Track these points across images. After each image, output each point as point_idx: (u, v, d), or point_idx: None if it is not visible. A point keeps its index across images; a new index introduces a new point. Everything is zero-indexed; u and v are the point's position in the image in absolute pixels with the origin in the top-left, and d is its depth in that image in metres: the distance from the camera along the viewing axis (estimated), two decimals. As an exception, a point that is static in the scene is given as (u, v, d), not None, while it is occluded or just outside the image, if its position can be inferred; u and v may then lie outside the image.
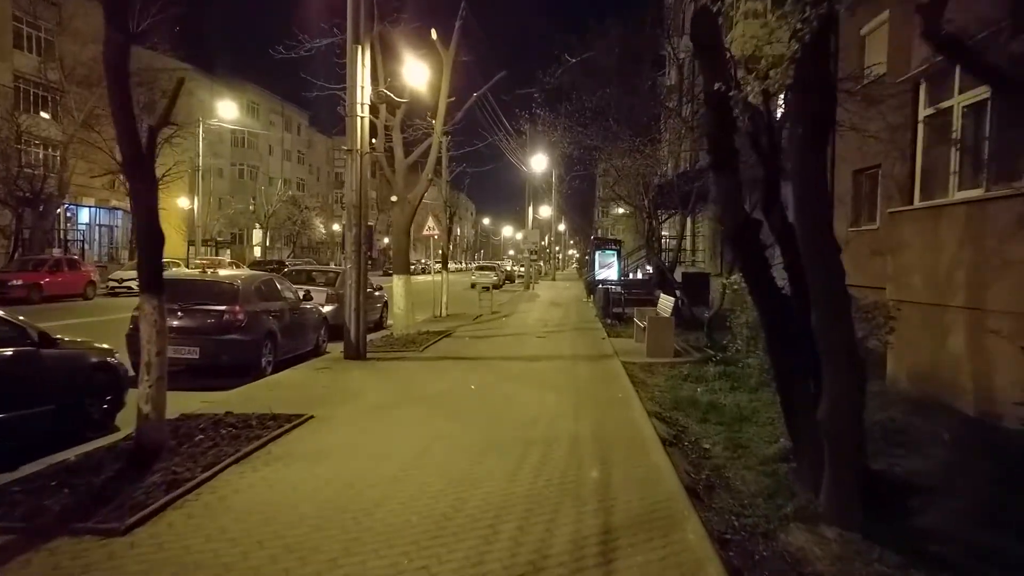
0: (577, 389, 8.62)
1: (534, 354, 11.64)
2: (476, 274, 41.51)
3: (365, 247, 10.97)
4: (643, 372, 9.92)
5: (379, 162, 13.30)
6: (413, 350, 11.85)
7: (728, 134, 5.46)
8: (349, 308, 10.87)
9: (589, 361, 10.84)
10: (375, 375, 9.58)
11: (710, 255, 22.93)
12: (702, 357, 11.02)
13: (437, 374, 9.68)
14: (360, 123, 10.80)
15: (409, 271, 13.32)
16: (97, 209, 39.90)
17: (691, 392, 8.78)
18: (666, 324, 10.94)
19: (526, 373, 9.75)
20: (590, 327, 16.48)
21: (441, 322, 17.15)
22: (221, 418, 6.67)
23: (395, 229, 13.15)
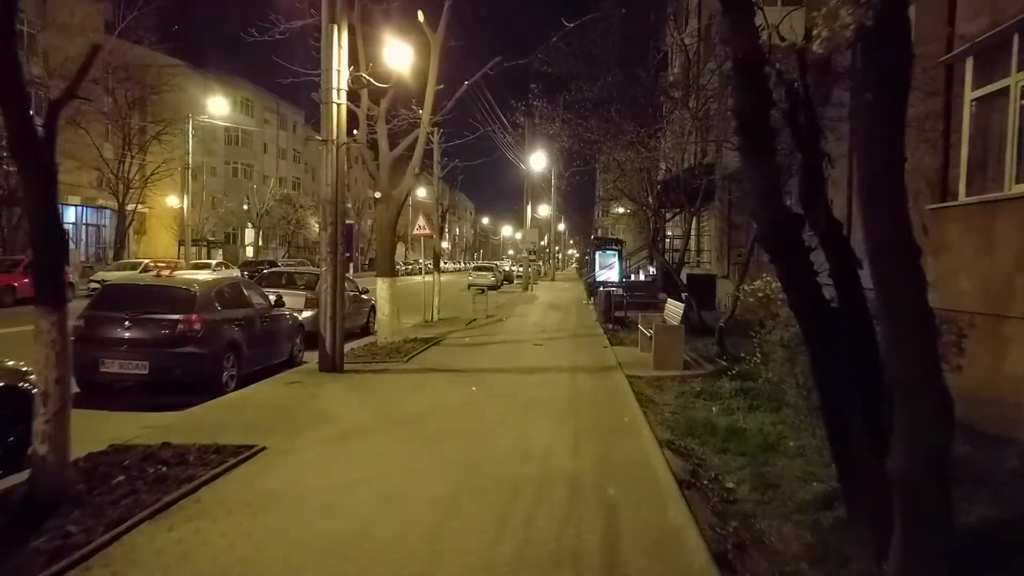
0: (577, 410, 7.56)
1: (530, 365, 10.59)
2: (473, 274, 40.45)
3: (343, 247, 9.93)
4: (650, 388, 8.87)
5: (361, 155, 12.26)
6: (397, 360, 10.81)
7: (763, 110, 4.41)
8: (324, 315, 9.83)
9: (590, 374, 9.79)
10: (350, 391, 8.53)
11: (716, 256, 21.89)
12: (715, 370, 9.97)
13: (419, 390, 8.63)
14: (336, 110, 9.76)
15: (395, 273, 12.28)
16: (84, 208, 38.82)
17: (706, 412, 7.75)
18: (675, 333, 9.90)
19: (520, 389, 8.70)
20: (591, 333, 15.44)
21: (432, 327, 16.10)
22: (155, 451, 5.63)
23: (379, 228, 12.12)
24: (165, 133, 39.76)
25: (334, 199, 9.78)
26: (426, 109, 12.05)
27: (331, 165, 9.76)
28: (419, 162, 12.13)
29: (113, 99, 38.11)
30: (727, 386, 8.81)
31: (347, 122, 10.61)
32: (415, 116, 12.35)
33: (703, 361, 10.70)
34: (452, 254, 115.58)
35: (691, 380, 9.37)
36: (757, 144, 4.54)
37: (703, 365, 10.36)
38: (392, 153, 12.41)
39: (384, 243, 12.15)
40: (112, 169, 36.83)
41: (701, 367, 10.21)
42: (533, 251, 35.92)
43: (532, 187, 37.59)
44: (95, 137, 36.04)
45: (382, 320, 12.18)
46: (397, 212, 12.13)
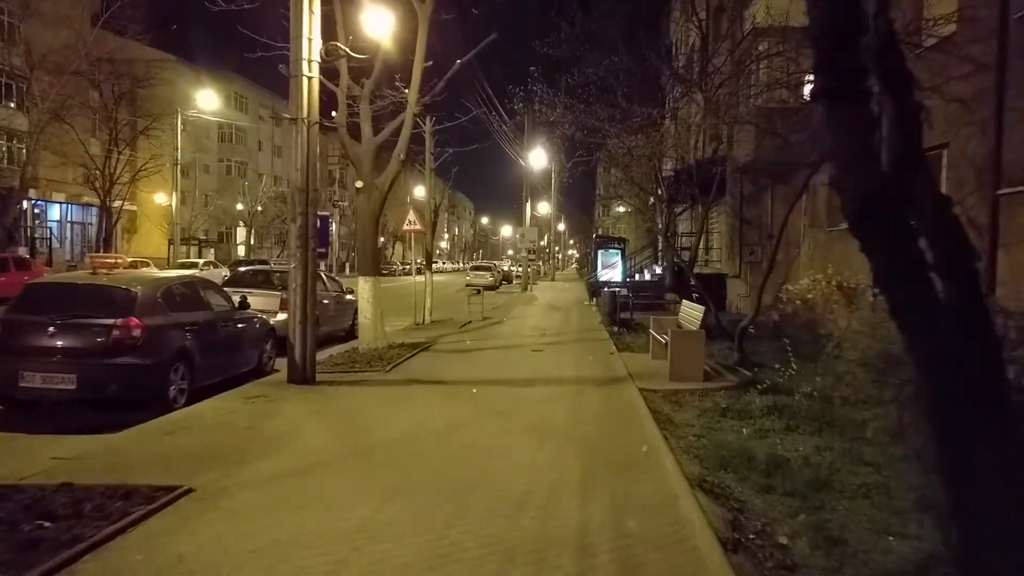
0: (583, 436, 6.31)
1: (528, 376, 9.35)
2: (471, 274, 39.22)
3: (315, 241, 8.69)
4: (668, 405, 7.63)
5: (341, 140, 11.03)
6: (378, 370, 9.58)
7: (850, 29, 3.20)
8: (293, 319, 8.60)
9: (597, 387, 8.55)
10: (317, 409, 7.30)
11: (727, 254, 20.64)
12: (740, 381, 8.74)
13: (398, 408, 7.38)
14: (306, 84, 8.53)
15: (378, 272, 11.05)
16: (69, 205, 37.62)
17: (736, 435, 6.52)
18: (694, 340, 8.66)
19: (515, 407, 7.45)
20: (595, 337, 14.20)
21: (423, 331, 14.87)
22: (47, 495, 4.40)
23: (360, 221, 10.90)
24: (154, 128, 38.55)
25: (304, 185, 8.55)
26: (413, 88, 10.83)
27: (300, 147, 8.53)
28: (405, 147, 10.90)
29: (99, 93, 36.93)
30: (757, 402, 7.58)
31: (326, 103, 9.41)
32: (402, 96, 11.12)
33: (724, 370, 9.47)
34: (451, 254, 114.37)
35: (713, 394, 8.14)
36: (842, 83, 3.30)
37: (724, 375, 9.12)
38: (376, 139, 11.19)
39: (366, 238, 10.92)
40: (98, 165, 35.57)
41: (723, 378, 8.98)
42: (532, 250, 34.65)
43: (531, 184, 36.34)
44: (81, 132, 34.85)
45: (364, 324, 10.95)
46: (380, 203, 10.90)
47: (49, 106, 30.74)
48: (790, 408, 7.34)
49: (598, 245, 30.70)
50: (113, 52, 35.29)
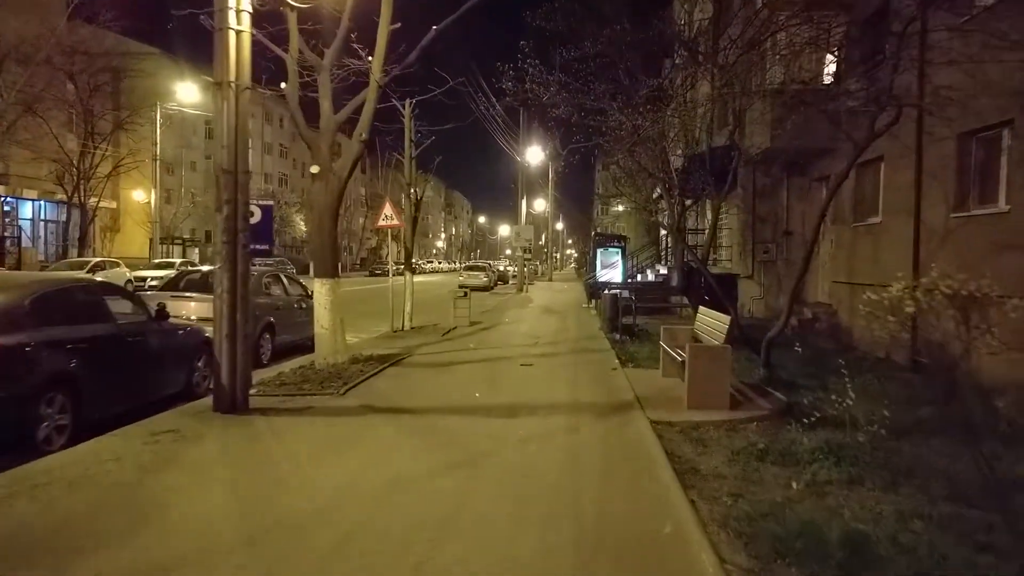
0: (579, 501, 4.58)
1: (512, 401, 7.62)
2: (464, 274, 37.50)
3: (247, 235, 6.98)
4: (689, 444, 5.93)
5: (292, 117, 9.31)
6: (331, 391, 7.86)
7: None
8: (218, 333, 6.89)
9: (598, 418, 6.83)
10: (232, 453, 5.60)
11: (738, 252, 18.96)
12: (773, 409, 7.04)
13: (338, 452, 5.66)
14: (235, 41, 6.83)
15: (337, 273, 9.34)
16: (42, 202, 35.83)
17: (784, 491, 4.84)
18: (719, 359, 6.94)
19: (491, 450, 5.72)
20: (594, 347, 12.49)
21: (399, 339, 13.16)
22: None
23: (315, 213, 9.21)
24: (132, 123, 36.80)
25: (232, 166, 6.84)
26: (377, 55, 9.12)
27: (227, 117, 6.82)
28: (368, 125, 9.19)
29: (75, 85, 35.17)
30: (804, 441, 5.86)
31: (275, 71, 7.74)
32: (368, 67, 9.40)
33: (751, 393, 7.77)
34: (448, 253, 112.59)
35: (744, 427, 6.44)
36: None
37: (754, 400, 7.42)
38: (336, 116, 9.48)
39: (322, 233, 9.20)
40: (72, 160, 33.77)
41: (752, 404, 7.28)
42: (528, 249, 32.92)
43: (528, 180, 34.61)
44: (56, 127, 33.10)
45: (321, 335, 9.24)
46: (339, 192, 9.20)
47: (19, 98, 28.94)
48: (848, 450, 5.65)
49: (597, 244, 28.94)
50: (90, 44, 33.61)
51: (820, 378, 9.54)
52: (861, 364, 11.41)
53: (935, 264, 10.85)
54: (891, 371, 10.67)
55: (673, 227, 12.90)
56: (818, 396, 8.09)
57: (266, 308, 10.87)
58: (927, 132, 10.93)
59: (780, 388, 8.25)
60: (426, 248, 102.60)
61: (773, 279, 17.78)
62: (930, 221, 10.89)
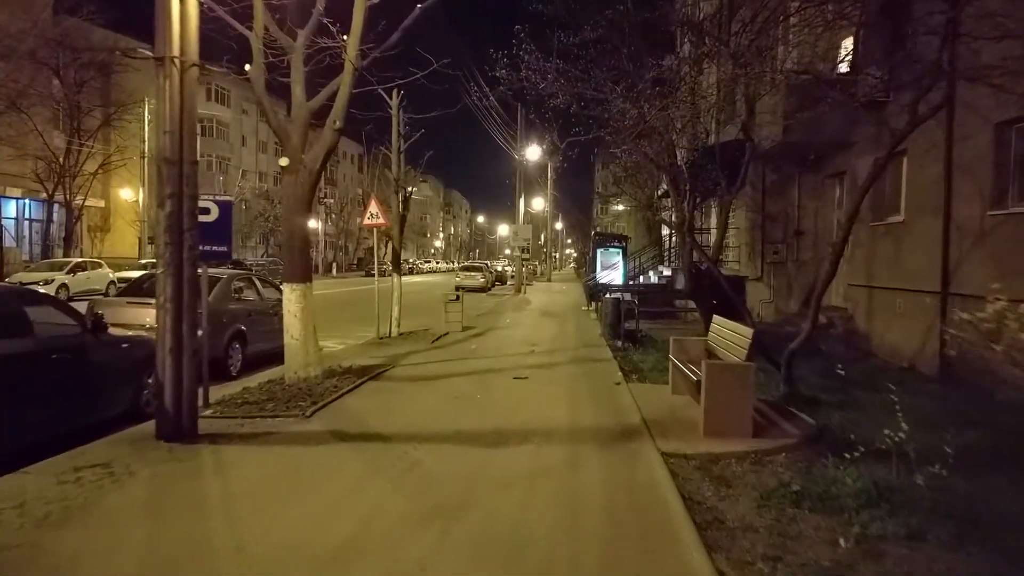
0: (576, 570, 3.64)
1: (501, 425, 6.65)
2: (460, 275, 36.55)
3: (194, 233, 6.03)
4: (710, 484, 4.97)
5: (258, 102, 8.34)
6: (296, 413, 6.91)
7: None
8: (162, 348, 5.94)
9: (600, 450, 5.86)
10: (163, 498, 4.64)
11: (746, 253, 18.03)
12: (804, 435, 6.09)
13: (291, 495, 4.70)
14: (178, 9, 5.87)
15: (309, 277, 8.38)
16: (27, 201, 34.83)
17: (830, 549, 3.92)
18: (741, 380, 5.98)
19: (469, 495, 4.73)
20: (595, 356, 11.53)
21: (385, 347, 12.20)
22: None
23: (285, 209, 8.25)
24: (120, 119, 35.84)
25: (176, 155, 5.89)
26: (353, 33, 8.15)
27: (171, 98, 5.86)
28: (343, 111, 8.23)
29: (60, 81, 34.20)
30: (847, 481, 4.91)
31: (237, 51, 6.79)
32: (343, 45, 8.41)
33: (772, 413, 6.82)
34: (446, 253, 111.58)
35: (772, 460, 5.50)
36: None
37: (778, 424, 6.47)
38: (310, 104, 8.53)
39: (292, 231, 8.24)
40: (56, 158, 32.77)
41: (777, 428, 6.33)
42: (526, 249, 31.97)
43: (526, 177, 33.65)
44: (41, 123, 32.13)
45: (291, 346, 8.28)
46: (311, 186, 8.25)
47: (2, 93, 27.97)
48: (901, 494, 4.71)
49: (597, 243, 27.99)
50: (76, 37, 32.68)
51: (845, 392, 8.62)
52: (884, 375, 10.50)
53: (968, 266, 9.98)
54: (918, 383, 9.75)
55: (683, 225, 11.90)
56: (848, 416, 7.16)
57: (235, 315, 9.93)
58: (959, 123, 10.00)
59: (803, 406, 7.32)
60: (424, 248, 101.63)
61: (783, 281, 16.84)
62: (962, 219, 9.95)
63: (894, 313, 12.14)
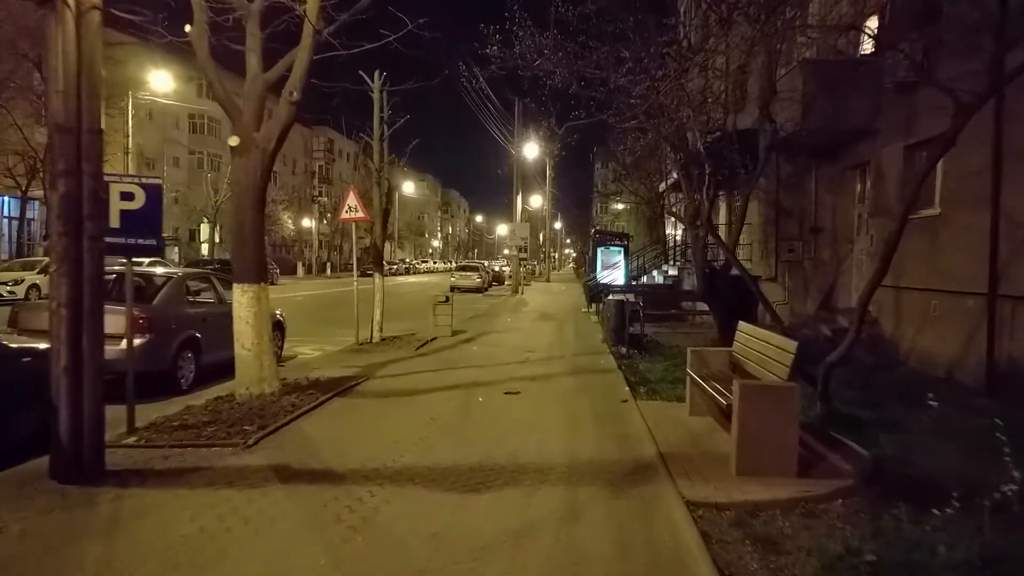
0: None
1: (484, 459, 5.40)
2: (456, 275, 35.36)
3: (96, 224, 4.81)
4: (753, 548, 3.73)
5: (202, 71, 7.08)
6: (237, 441, 5.67)
7: None
8: (56, 365, 4.71)
9: (606, 495, 4.61)
10: (17, 570, 3.42)
11: (759, 251, 16.82)
12: (860, 469, 4.86)
13: (189, 571, 3.49)
14: (75, -64, 4.65)
15: (264, 276, 7.18)
16: (5, 198, 33.57)
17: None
18: (784, 405, 4.75)
19: (430, 565, 3.55)
20: (597, 366, 10.31)
21: (363, 354, 10.97)
22: None
23: (235, 198, 7.02)
24: (105, 113, 34.63)
25: (73, 121, 4.66)
26: (313, -9, 6.93)
27: (63, 49, 4.64)
28: (301, 82, 7.00)
29: (41, 74, 32.94)
30: (940, 551, 3.68)
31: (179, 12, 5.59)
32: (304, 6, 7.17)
33: (812, 440, 5.59)
34: (444, 253, 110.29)
35: (827, 510, 4.28)
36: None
37: (823, 454, 5.25)
38: (267, 75, 7.32)
39: (243, 222, 7.01)
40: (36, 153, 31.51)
41: (823, 461, 5.11)
42: (524, 248, 30.76)
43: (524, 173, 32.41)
44: (22, 117, 30.87)
45: (243, 358, 7.06)
46: (264, 170, 7.03)
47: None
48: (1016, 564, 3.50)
49: (597, 242, 26.74)
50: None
51: (884, 407, 7.45)
52: (922, 386, 9.31)
53: None
54: (963, 397, 8.55)
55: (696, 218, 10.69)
56: (901, 441, 5.95)
57: (188, 319, 8.71)
58: (1012, 101, 8.79)
59: (844, 429, 6.11)
60: (422, 248, 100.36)
61: (799, 282, 15.62)
62: (1015, 212, 8.75)
63: (927, 317, 10.93)
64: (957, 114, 6.15)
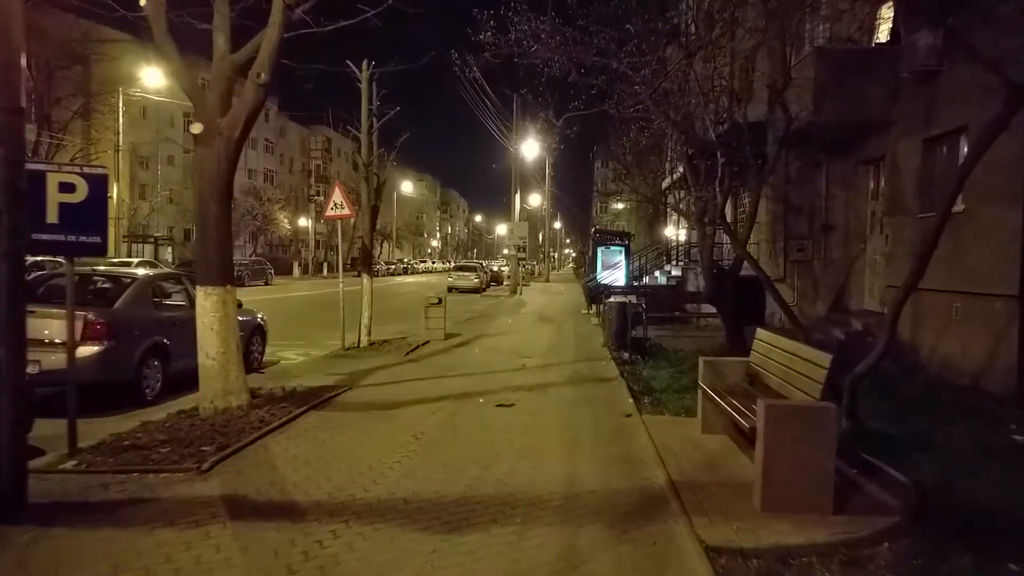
0: None
1: (470, 490, 4.69)
2: (453, 275, 34.65)
3: (15, 216, 4.13)
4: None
5: (159, 48, 6.37)
6: (191, 465, 4.99)
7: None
8: (-33, 382, 4.03)
9: (611, 536, 3.92)
10: None
11: (767, 250, 16.13)
12: (905, 505, 4.19)
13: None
14: None
15: (230, 278, 6.50)
16: (-6, 197, 32.88)
17: None
18: (818, 429, 4.06)
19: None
20: (599, 373, 9.63)
21: (349, 360, 10.29)
22: None
23: (197, 188, 6.34)
24: (96, 111, 33.99)
25: (-14, 99, 3.98)
26: (284, -42, 6.24)
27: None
28: (269, 61, 6.31)
29: (30, 70, 32.30)
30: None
31: None
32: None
33: (849, 467, 4.90)
34: (443, 253, 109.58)
35: (872, 557, 3.60)
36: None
37: (858, 483, 4.57)
38: (235, 56, 6.64)
39: (206, 218, 6.32)
40: (25, 151, 30.87)
41: (859, 491, 4.43)
42: (523, 248, 30.07)
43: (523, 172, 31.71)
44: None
45: (207, 368, 6.38)
46: (230, 160, 6.36)
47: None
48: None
49: (597, 241, 26.03)
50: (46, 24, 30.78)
51: (912, 421, 6.80)
52: (947, 396, 8.66)
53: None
54: (994, 408, 7.90)
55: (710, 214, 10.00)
56: (940, 463, 5.28)
57: (154, 324, 8.02)
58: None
59: (876, 449, 5.44)
60: (420, 247, 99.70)
61: (808, 283, 14.95)
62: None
63: (949, 320, 10.26)
64: (1010, 97, 5.46)
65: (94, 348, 6.99)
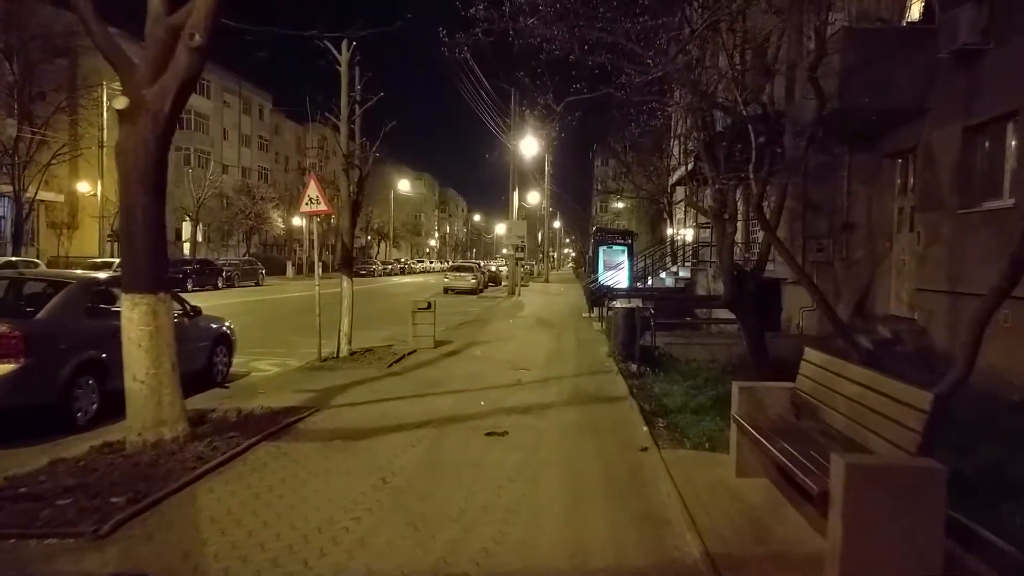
0: None
1: (438, 565, 3.60)
2: (449, 276, 33.48)
3: None
4: None
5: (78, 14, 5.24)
6: (84, 528, 3.87)
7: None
8: None
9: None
10: None
11: (783, 251, 14.99)
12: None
13: None
14: None
15: (163, 285, 5.39)
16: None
17: None
18: (922, 498, 2.98)
19: None
20: (605, 390, 8.50)
21: (324, 373, 9.16)
22: None
23: (122, 178, 5.21)
24: (82, 107, 32.82)
25: None
26: None
27: None
28: (205, 20, 5.17)
29: (10, 63, 31.12)
30: None
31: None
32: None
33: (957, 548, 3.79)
34: (442, 252, 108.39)
35: None
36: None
37: (953, 552, 3.46)
38: (172, 19, 5.51)
39: (133, 209, 5.21)
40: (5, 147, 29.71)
41: (960, 567, 3.33)
42: (521, 247, 28.94)
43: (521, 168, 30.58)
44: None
45: (134, 393, 5.26)
46: (159, 138, 5.23)
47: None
48: None
49: (599, 241, 24.86)
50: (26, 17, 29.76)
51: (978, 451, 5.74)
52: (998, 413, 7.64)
53: None
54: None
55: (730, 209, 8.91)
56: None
57: (89, 336, 6.88)
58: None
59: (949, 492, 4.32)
60: (419, 247, 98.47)
61: (829, 285, 13.85)
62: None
63: (996, 328, 9.11)
64: None
65: (6, 367, 5.87)
